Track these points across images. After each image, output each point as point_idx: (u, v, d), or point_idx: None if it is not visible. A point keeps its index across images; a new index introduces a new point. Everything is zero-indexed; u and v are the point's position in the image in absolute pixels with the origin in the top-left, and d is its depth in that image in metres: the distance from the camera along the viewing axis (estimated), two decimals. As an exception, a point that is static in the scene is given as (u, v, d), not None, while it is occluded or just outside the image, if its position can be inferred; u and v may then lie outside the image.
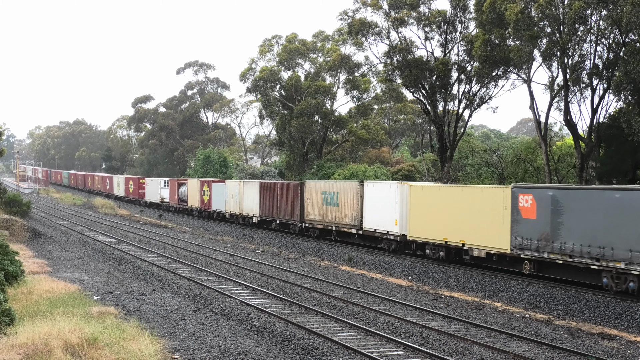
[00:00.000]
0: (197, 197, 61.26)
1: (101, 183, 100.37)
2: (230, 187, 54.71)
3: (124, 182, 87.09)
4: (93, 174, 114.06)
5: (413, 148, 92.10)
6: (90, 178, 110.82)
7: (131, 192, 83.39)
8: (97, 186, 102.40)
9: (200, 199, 60.49)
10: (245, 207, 51.89)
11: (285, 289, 26.11)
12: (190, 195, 63.33)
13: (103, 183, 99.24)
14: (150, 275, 29.66)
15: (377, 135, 69.96)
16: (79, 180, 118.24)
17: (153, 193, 74.51)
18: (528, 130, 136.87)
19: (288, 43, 69.44)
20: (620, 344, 19.04)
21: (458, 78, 51.33)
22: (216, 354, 16.62)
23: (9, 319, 16.20)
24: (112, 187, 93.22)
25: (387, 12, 51.21)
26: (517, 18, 38.12)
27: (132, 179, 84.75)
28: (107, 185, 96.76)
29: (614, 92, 37.28)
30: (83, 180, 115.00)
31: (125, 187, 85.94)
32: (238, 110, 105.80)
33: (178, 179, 70.95)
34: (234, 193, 53.62)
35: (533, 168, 51.07)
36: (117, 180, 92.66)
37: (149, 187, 76.62)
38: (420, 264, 32.09)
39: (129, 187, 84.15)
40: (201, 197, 60.24)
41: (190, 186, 64.12)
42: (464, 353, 17.21)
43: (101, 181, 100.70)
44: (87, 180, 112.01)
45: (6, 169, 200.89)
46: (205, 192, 59.25)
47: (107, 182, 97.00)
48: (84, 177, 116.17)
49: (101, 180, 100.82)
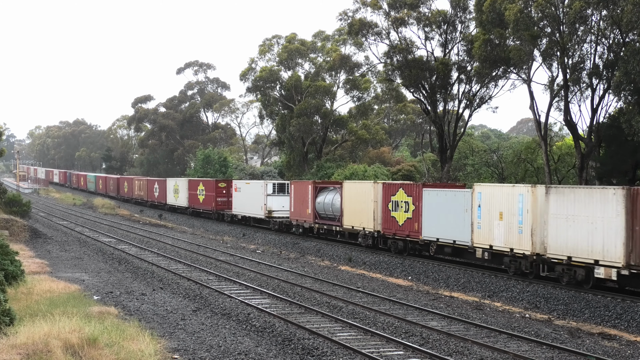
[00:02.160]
0: (377, 214, 35.70)
1: (145, 189, 76.82)
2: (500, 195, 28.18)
3: (188, 187, 63.30)
4: (132, 177, 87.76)
5: (413, 148, 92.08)
6: (127, 182, 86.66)
7: (203, 201, 59.53)
8: (139, 193, 79.55)
9: (387, 219, 35.04)
10: None
11: (285, 289, 26.11)
12: (353, 211, 37.77)
13: (149, 189, 75.17)
14: (150, 275, 29.66)
15: (377, 135, 69.96)
16: (110, 185, 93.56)
17: (249, 203, 50.61)
18: (528, 130, 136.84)
19: (288, 43, 69.45)
20: (620, 344, 19.04)
21: (458, 78, 51.33)
22: (216, 354, 16.62)
23: (9, 319, 16.20)
24: (165, 195, 69.56)
25: (387, 12, 51.22)
26: (517, 18, 38.13)
27: (205, 183, 59.64)
28: (155, 191, 72.93)
29: (614, 92, 37.29)
30: (117, 185, 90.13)
31: (191, 195, 62.39)
32: (238, 110, 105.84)
33: (314, 181, 46.33)
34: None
35: (533, 168, 51.08)
36: (173, 185, 67.69)
37: (242, 195, 52.46)
38: (420, 264, 32.11)
39: (199, 195, 60.32)
40: (388, 215, 34.93)
41: (353, 192, 38.04)
42: (464, 353, 17.21)
43: (145, 186, 77.04)
44: (123, 185, 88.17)
45: (6, 169, 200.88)
46: (403, 207, 33.81)
47: (155, 188, 72.95)
48: (117, 182, 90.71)
49: (145, 185, 77.20)
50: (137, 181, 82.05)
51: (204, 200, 59.50)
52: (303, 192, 43.59)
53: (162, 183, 71.86)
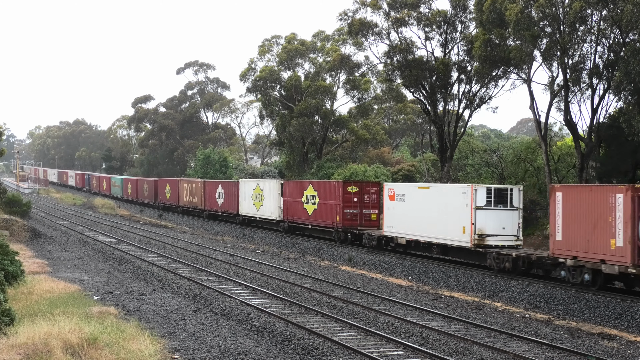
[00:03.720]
0: None
1: (201, 194, 59.51)
2: None
3: (283, 192, 45.23)
4: (178, 180, 67.99)
5: (413, 148, 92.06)
6: (171, 186, 67.64)
7: (315, 213, 41.46)
8: (190, 199, 62.25)
9: None
10: None
11: (285, 289, 26.11)
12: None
13: (207, 195, 58.41)
14: (150, 275, 29.66)
15: (377, 135, 69.94)
16: (144, 190, 76.58)
17: (430, 220, 31.96)
18: (528, 130, 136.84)
19: (288, 43, 69.41)
20: (620, 344, 19.04)
21: (458, 78, 51.30)
22: (216, 354, 16.62)
23: (9, 319, 16.20)
24: (236, 202, 52.41)
25: (387, 12, 51.18)
26: (517, 18, 38.11)
27: (319, 186, 41.87)
28: (218, 197, 55.97)
29: (614, 92, 37.26)
30: (154, 189, 72.74)
31: (289, 203, 44.31)
32: (238, 110, 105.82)
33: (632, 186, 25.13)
34: None
35: (533, 168, 51.00)
36: (252, 188, 49.76)
37: (408, 206, 33.63)
38: (420, 264, 32.10)
39: (306, 203, 42.24)
40: None
41: None
42: (464, 353, 17.21)
43: (201, 191, 59.61)
44: (163, 189, 70.31)
45: (6, 169, 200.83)
46: None
47: (218, 194, 56.01)
48: (155, 186, 72.97)
49: (201, 190, 59.69)
50: (187, 184, 63.55)
51: (316, 212, 41.09)
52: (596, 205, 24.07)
53: (230, 186, 53.95)
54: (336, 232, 39.46)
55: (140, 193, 78.60)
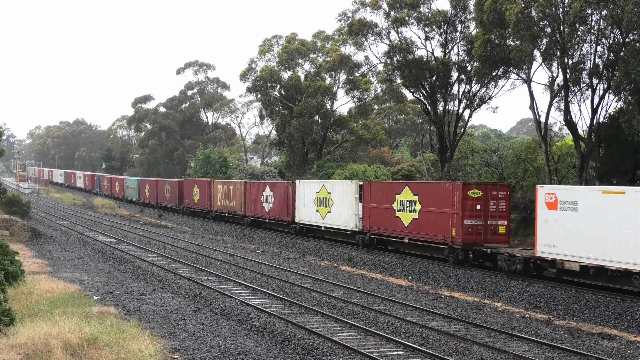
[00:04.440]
0: None
1: (240, 197, 51.07)
2: None
3: (364, 195, 36.99)
4: (209, 181, 58.47)
5: (413, 148, 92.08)
6: (201, 188, 58.77)
7: (414, 225, 33.18)
8: (225, 203, 53.76)
9: None
10: None
11: (285, 289, 26.11)
12: None
13: (250, 198, 49.77)
14: (150, 275, 29.66)
15: (377, 135, 69.95)
16: (165, 193, 68.35)
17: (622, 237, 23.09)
18: (528, 130, 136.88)
19: (288, 43, 69.42)
20: (620, 344, 19.04)
21: (458, 78, 51.30)
22: (216, 354, 16.62)
23: (9, 319, 16.20)
24: (291, 208, 44.03)
25: (387, 12, 51.19)
26: (517, 18, 38.11)
27: (423, 188, 33.50)
28: (265, 202, 47.34)
29: (614, 92, 37.26)
30: (178, 192, 64.21)
31: (372, 210, 36.12)
32: (238, 110, 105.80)
33: None
34: None
35: (533, 168, 51.02)
36: (314, 191, 41.38)
37: (588, 218, 24.35)
38: (420, 264, 32.10)
39: (399, 210, 33.98)
40: None
41: None
42: (464, 353, 17.21)
43: (240, 193, 51.06)
44: (190, 192, 61.44)
45: (6, 169, 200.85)
46: None
47: (266, 197, 47.25)
48: (179, 188, 64.41)
49: (241, 192, 51.03)
50: (223, 186, 54.52)
51: (416, 223, 32.41)
52: None
53: (283, 189, 44.96)
54: (450, 249, 30.55)
55: (160, 196, 70.49)
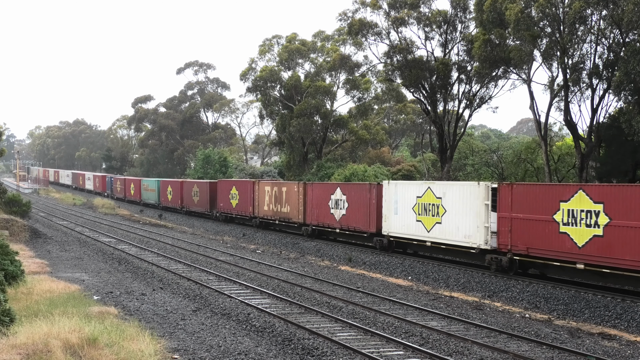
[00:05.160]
0: None
1: (299, 202, 42.09)
2: None
3: (520, 200, 26.63)
4: (250, 182, 49.82)
5: (413, 148, 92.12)
6: (242, 190, 50.36)
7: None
8: (276, 209, 44.90)
9: None
10: None
11: (285, 289, 26.11)
12: None
13: (313, 202, 40.86)
14: (150, 275, 29.65)
15: (377, 135, 70.00)
16: (192, 196, 60.27)
17: None
18: (528, 130, 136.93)
19: (288, 43, 69.44)
20: (620, 344, 19.04)
21: (458, 78, 51.35)
22: (216, 354, 16.62)
23: (9, 319, 16.20)
24: (375, 215, 35.33)
25: (387, 12, 51.25)
26: (517, 18, 38.14)
27: None
28: (338, 207, 38.26)
29: (614, 92, 37.30)
30: (210, 194, 56.63)
31: (506, 224, 27.07)
32: (238, 110, 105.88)
33: None
34: None
35: (533, 168, 51.07)
36: (420, 195, 32.00)
37: None
38: (420, 264, 32.10)
39: (614, 231, 22.71)
40: None
41: None
42: (464, 353, 17.21)
43: (299, 196, 42.10)
44: (226, 194, 53.05)
45: (6, 169, 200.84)
46: None
47: (337, 202, 38.23)
48: (211, 190, 56.57)
49: (299, 195, 42.12)
50: (272, 187, 45.65)
51: (601, 242, 23.40)
52: None
53: (362, 192, 36.20)
54: None
55: (187, 199, 62.25)
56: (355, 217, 37.31)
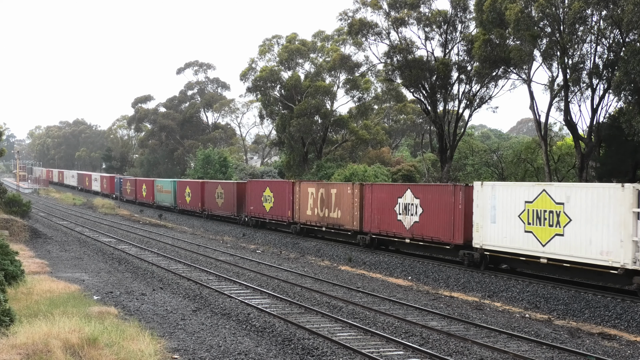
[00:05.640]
0: None
1: (354, 207, 36.57)
2: None
3: None
4: (293, 182, 43.60)
5: (413, 148, 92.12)
6: (279, 191, 44.47)
7: None
8: (325, 214, 39.14)
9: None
10: None
11: (285, 289, 26.10)
12: None
13: (369, 208, 35.49)
14: (150, 275, 29.65)
15: (377, 135, 70.01)
16: (211, 198, 56.21)
17: None
18: (528, 130, 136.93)
19: (288, 43, 69.45)
20: (620, 344, 19.04)
21: (458, 78, 51.36)
22: (216, 354, 16.61)
23: (9, 319, 16.20)
24: (459, 224, 29.75)
25: (387, 12, 51.25)
26: (517, 18, 38.14)
27: None
28: (402, 214, 32.96)
29: (614, 92, 37.30)
30: (236, 196, 51.21)
31: None
32: (238, 110, 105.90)
33: None
34: None
35: (533, 168, 51.08)
36: (531, 200, 26.06)
37: None
38: (420, 264, 32.08)
39: None
40: None
41: None
42: (464, 353, 17.21)
43: (354, 200, 36.55)
44: (258, 196, 47.47)
45: (6, 169, 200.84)
46: None
47: (398, 205, 33.00)
48: (238, 190, 51.04)
49: (357, 198, 36.33)
50: (318, 188, 39.68)
51: None
52: None
53: (441, 194, 30.86)
54: None
55: (209, 202, 57.22)
56: (433, 225, 31.28)
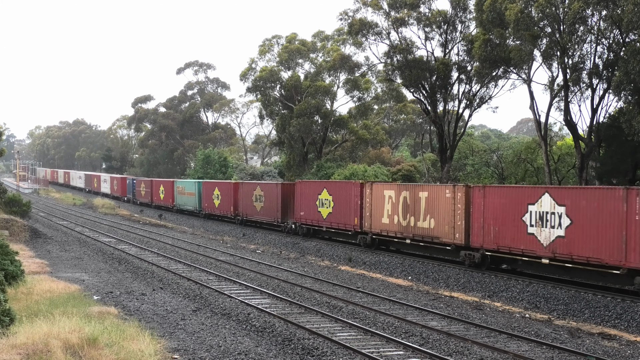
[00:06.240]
0: None
1: (457, 215, 29.69)
2: None
3: None
4: (363, 184, 36.95)
5: (413, 148, 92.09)
6: (345, 192, 38.07)
7: None
8: (411, 222, 32.48)
9: None
10: None
11: (285, 289, 26.10)
12: None
13: (479, 216, 28.61)
14: (150, 275, 29.65)
15: (377, 135, 69.95)
16: (246, 200, 50.21)
17: None
18: (528, 130, 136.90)
19: (288, 43, 69.41)
20: (620, 344, 19.04)
21: (458, 78, 51.33)
22: (216, 354, 16.61)
23: (9, 319, 16.20)
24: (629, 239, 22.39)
25: (387, 12, 51.22)
26: (517, 18, 38.12)
27: None
28: (537, 226, 25.82)
29: (614, 92, 37.27)
30: (280, 198, 44.95)
31: None
32: (238, 110, 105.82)
33: None
34: None
35: (533, 168, 51.04)
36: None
37: None
38: (420, 264, 32.08)
39: None
40: None
41: None
42: (464, 353, 17.21)
43: (455, 204, 29.74)
44: (298, 197, 42.71)
45: (6, 169, 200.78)
46: None
47: (529, 216, 26.03)
48: (282, 192, 44.95)
49: (459, 202, 29.53)
50: (398, 191, 33.73)
51: None
52: None
53: (602, 199, 23.78)
54: None
55: (244, 206, 50.68)
56: (588, 241, 24.36)
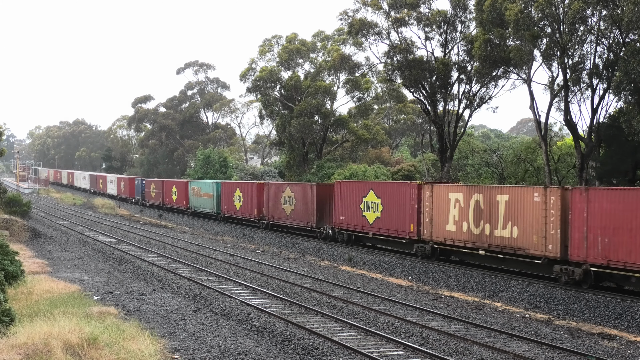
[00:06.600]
0: None
1: (569, 224, 24.32)
2: None
3: None
4: (433, 184, 32.65)
5: (413, 148, 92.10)
6: (403, 195, 33.43)
7: None
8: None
9: None
10: None
11: (285, 289, 26.10)
12: None
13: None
14: (150, 275, 29.65)
15: (377, 135, 69.95)
16: (274, 203, 45.83)
17: None
18: (528, 130, 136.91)
19: (288, 43, 69.42)
20: (620, 344, 19.04)
21: (458, 78, 51.33)
22: (216, 354, 16.62)
23: (9, 319, 16.20)
24: None
25: (387, 12, 51.22)
26: (517, 18, 38.13)
27: None
28: None
29: (614, 92, 37.29)
30: (316, 201, 40.41)
31: None
32: (238, 110, 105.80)
33: None
34: None
35: (533, 168, 51.04)
36: None
37: None
38: (420, 264, 32.09)
39: None
40: None
41: None
42: (464, 353, 17.21)
43: (567, 208, 24.54)
44: (337, 199, 38.38)
45: (6, 169, 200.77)
46: None
47: None
48: (321, 193, 40.44)
49: (575, 208, 24.16)
50: (470, 194, 29.52)
51: None
52: None
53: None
54: None
55: (272, 209, 46.24)
56: None
